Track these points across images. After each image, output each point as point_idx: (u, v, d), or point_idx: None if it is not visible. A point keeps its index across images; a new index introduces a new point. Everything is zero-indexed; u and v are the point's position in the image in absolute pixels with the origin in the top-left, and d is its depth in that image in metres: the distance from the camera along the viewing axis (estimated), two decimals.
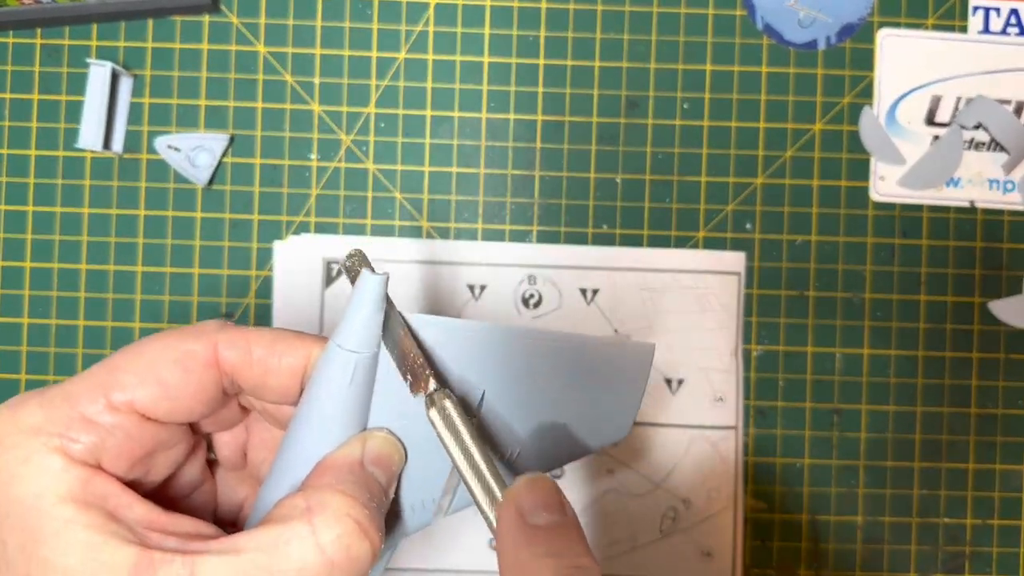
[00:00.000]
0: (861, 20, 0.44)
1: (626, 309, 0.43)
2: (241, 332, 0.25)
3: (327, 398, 0.25)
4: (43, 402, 0.23)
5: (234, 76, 0.44)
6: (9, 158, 0.43)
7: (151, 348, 0.25)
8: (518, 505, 0.23)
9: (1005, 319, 0.44)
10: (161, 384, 0.24)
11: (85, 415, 0.23)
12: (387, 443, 0.26)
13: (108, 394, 0.24)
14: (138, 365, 0.24)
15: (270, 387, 0.26)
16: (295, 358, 0.26)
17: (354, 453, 0.25)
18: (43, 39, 0.43)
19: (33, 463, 0.22)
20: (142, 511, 0.23)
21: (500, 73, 0.44)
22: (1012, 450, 0.44)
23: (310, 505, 0.23)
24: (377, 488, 0.24)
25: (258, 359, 0.25)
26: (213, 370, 0.25)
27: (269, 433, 0.29)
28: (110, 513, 0.22)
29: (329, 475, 0.24)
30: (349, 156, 0.44)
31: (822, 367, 0.44)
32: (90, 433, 0.23)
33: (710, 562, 0.43)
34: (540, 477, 0.24)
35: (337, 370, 0.25)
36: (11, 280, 0.43)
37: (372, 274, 0.25)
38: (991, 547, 0.44)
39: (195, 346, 0.25)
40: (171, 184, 0.43)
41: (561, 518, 0.23)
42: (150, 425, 0.25)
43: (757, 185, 0.44)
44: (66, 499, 0.22)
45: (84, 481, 0.23)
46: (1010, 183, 0.44)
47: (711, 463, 0.43)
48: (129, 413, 0.24)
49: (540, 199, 0.44)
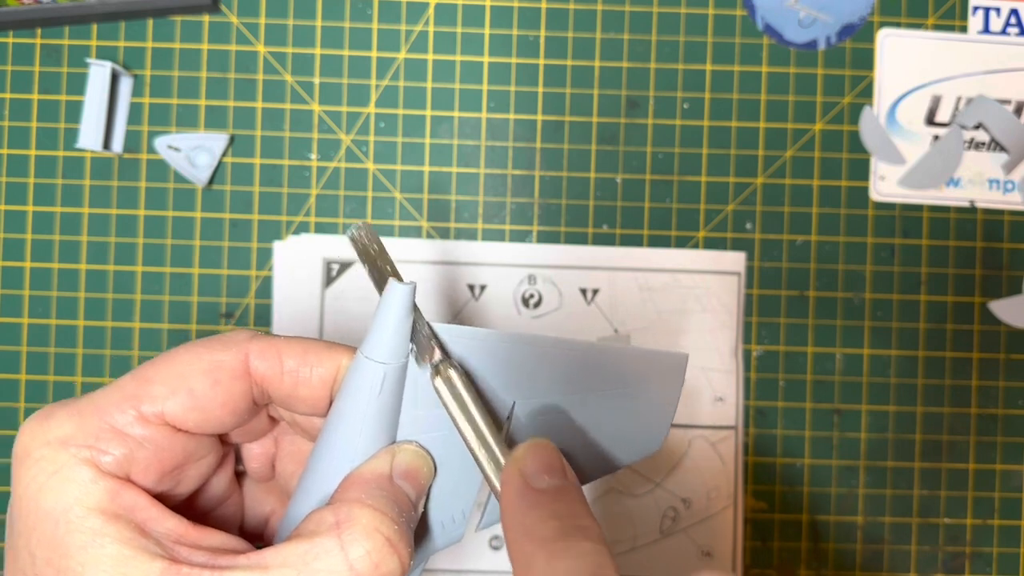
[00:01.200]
0: (861, 20, 0.44)
1: (626, 309, 0.43)
2: (272, 343, 0.25)
3: (355, 410, 0.25)
4: (72, 413, 0.23)
5: (234, 76, 0.44)
6: (9, 158, 0.43)
7: (181, 359, 0.24)
8: (522, 469, 0.23)
9: (1005, 319, 0.44)
10: (191, 395, 0.24)
11: (115, 426, 0.23)
12: (417, 456, 0.25)
13: (138, 406, 0.24)
14: (168, 376, 0.24)
15: (300, 398, 0.26)
16: (325, 369, 0.25)
17: (383, 466, 0.24)
18: (43, 39, 0.43)
19: (62, 475, 0.22)
20: (171, 524, 0.23)
21: (500, 73, 0.44)
22: (1012, 450, 0.44)
23: (339, 520, 0.23)
24: (406, 503, 0.24)
25: (288, 370, 0.25)
26: (244, 381, 0.25)
27: (297, 446, 0.29)
28: (139, 526, 0.22)
29: (358, 489, 0.24)
30: (349, 156, 0.44)
31: (822, 367, 0.44)
32: (120, 445, 0.23)
33: (710, 562, 0.43)
34: (542, 442, 0.24)
35: (365, 381, 0.24)
36: (11, 280, 0.43)
37: (399, 284, 0.24)
38: (991, 547, 0.44)
39: (226, 357, 0.25)
40: (171, 184, 0.43)
41: (563, 481, 0.23)
42: (180, 436, 0.24)
43: (757, 185, 0.44)
44: (95, 511, 0.22)
45: (113, 493, 0.22)
46: (1010, 183, 0.44)
47: (711, 463, 0.43)
48: (159, 425, 0.24)
49: (540, 199, 0.44)
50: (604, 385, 0.27)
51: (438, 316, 0.43)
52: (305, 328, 0.43)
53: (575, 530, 0.22)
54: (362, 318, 0.43)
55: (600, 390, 0.27)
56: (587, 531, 0.22)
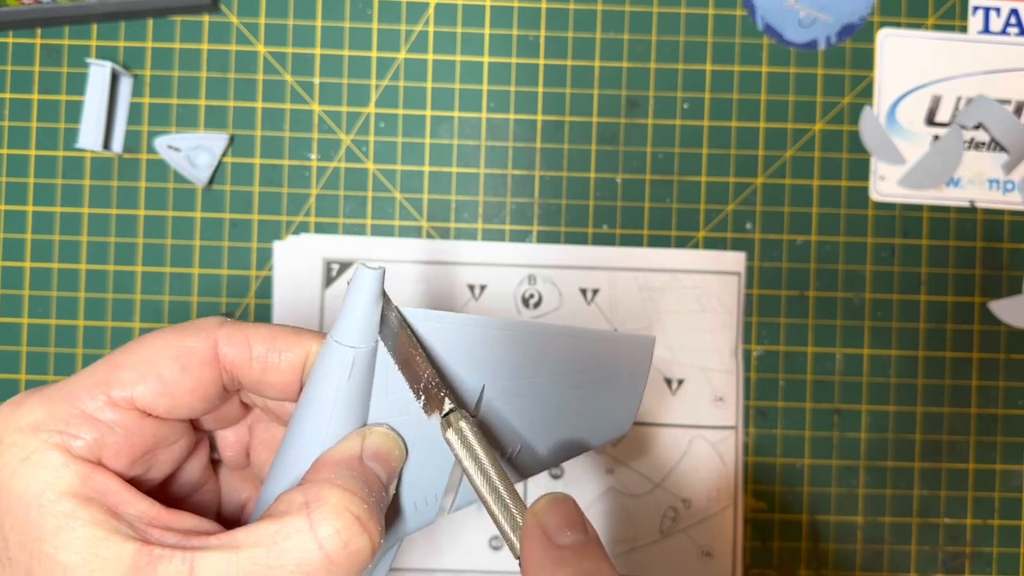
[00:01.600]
0: (861, 20, 0.44)
1: (626, 309, 0.43)
2: (240, 328, 0.25)
3: (326, 394, 0.25)
4: (43, 399, 0.23)
5: (234, 76, 0.44)
6: (9, 158, 0.43)
7: (151, 345, 0.25)
8: (543, 525, 0.23)
9: (1005, 319, 0.44)
10: (161, 380, 0.24)
11: (85, 411, 0.24)
12: (387, 438, 0.25)
13: (108, 391, 0.24)
14: (138, 362, 0.24)
15: (270, 383, 0.26)
16: (295, 354, 0.26)
17: (353, 448, 0.25)
18: (43, 39, 0.43)
19: (33, 460, 0.22)
20: (143, 507, 0.23)
21: (500, 73, 0.44)
22: (1012, 450, 0.44)
23: (308, 500, 0.23)
24: (377, 483, 0.24)
25: (258, 356, 0.25)
26: (213, 367, 0.25)
27: (271, 433, 0.29)
28: (111, 509, 0.22)
29: (327, 470, 0.24)
30: (349, 156, 0.44)
31: (822, 367, 0.44)
32: (91, 430, 0.23)
33: (710, 562, 0.43)
34: (561, 496, 0.24)
35: (335, 365, 0.25)
36: (11, 280, 0.43)
37: (368, 268, 0.24)
38: (991, 547, 0.44)
39: (195, 342, 0.25)
40: (171, 184, 0.43)
41: (584, 536, 0.24)
42: (151, 421, 0.25)
43: (757, 185, 0.44)
44: (67, 495, 0.22)
45: (84, 477, 0.23)
46: (1010, 183, 0.44)
47: (711, 463, 0.43)
48: (129, 409, 0.24)
49: (540, 199, 0.44)
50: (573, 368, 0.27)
51: None
52: (305, 327, 0.43)
53: None
54: None
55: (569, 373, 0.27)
56: None
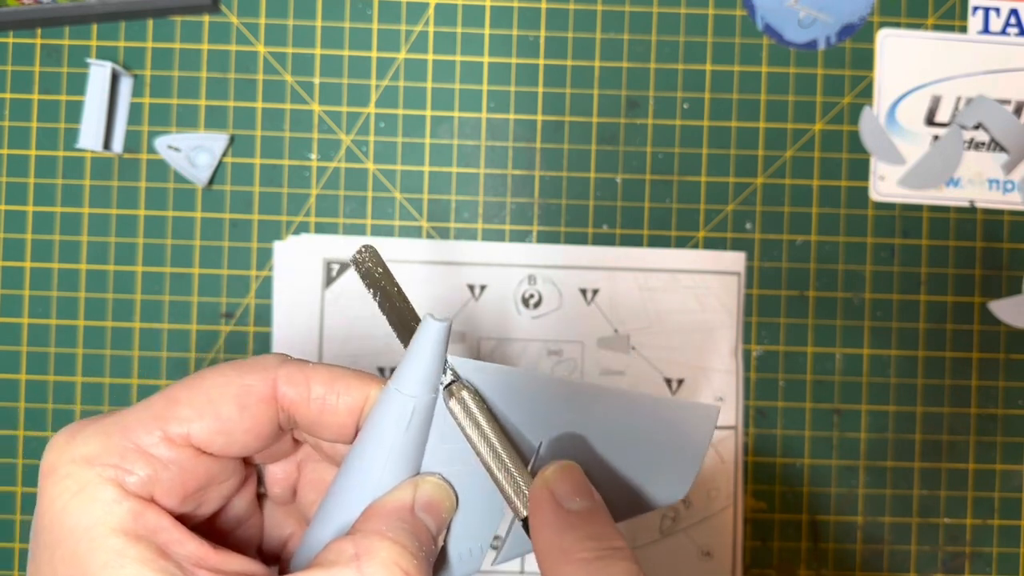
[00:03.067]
0: (861, 20, 0.44)
1: (626, 309, 0.43)
2: (301, 368, 0.25)
3: (382, 441, 0.25)
4: (99, 431, 0.23)
5: (234, 76, 0.44)
6: (9, 158, 0.43)
7: (210, 381, 0.24)
8: (553, 490, 0.24)
9: (1005, 319, 0.44)
10: (219, 419, 0.24)
11: (141, 446, 0.23)
12: (439, 489, 0.25)
13: (165, 426, 0.24)
14: (196, 398, 0.24)
15: (326, 425, 0.26)
16: (353, 398, 0.25)
17: (405, 498, 0.25)
18: (43, 39, 0.43)
19: (87, 493, 0.22)
20: (192, 547, 0.23)
21: (500, 73, 0.44)
22: (1012, 450, 0.44)
23: (359, 551, 0.23)
24: (427, 536, 0.24)
25: (316, 397, 0.25)
26: (271, 406, 0.25)
27: (319, 474, 0.29)
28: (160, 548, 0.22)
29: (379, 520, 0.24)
30: (349, 156, 0.44)
31: (822, 367, 0.44)
32: (145, 465, 0.23)
33: (710, 562, 0.43)
34: (569, 464, 0.25)
35: (395, 414, 0.24)
36: (11, 280, 0.43)
37: (435, 321, 0.24)
38: (991, 547, 0.44)
39: (255, 381, 0.25)
40: (171, 184, 0.43)
41: (592, 503, 0.24)
42: (204, 459, 0.24)
43: (757, 185, 0.44)
44: (117, 531, 0.22)
45: (136, 514, 0.22)
46: (1010, 183, 0.44)
47: (711, 463, 0.43)
48: (185, 447, 0.24)
49: (540, 199, 0.44)
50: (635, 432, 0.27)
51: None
52: (305, 327, 0.43)
53: (611, 551, 0.23)
54: (362, 318, 0.43)
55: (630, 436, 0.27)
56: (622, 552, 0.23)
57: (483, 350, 0.43)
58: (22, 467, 0.43)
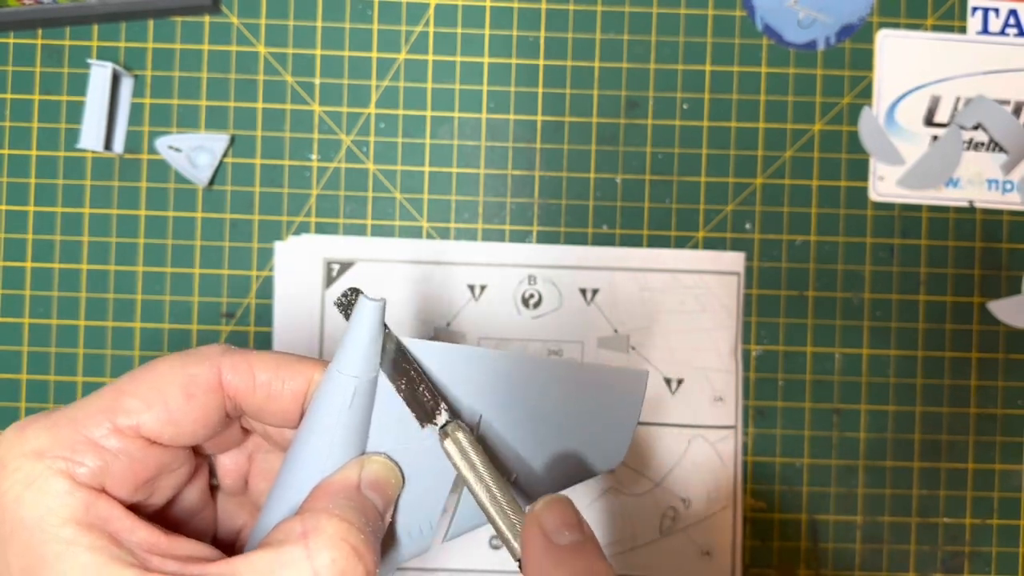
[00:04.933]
0: (861, 20, 0.44)
1: (626, 309, 0.43)
2: (244, 356, 0.26)
3: (326, 422, 0.25)
4: (48, 425, 0.24)
5: (234, 76, 0.44)
6: (10, 158, 0.43)
7: (156, 373, 0.25)
8: (542, 525, 0.24)
9: (1004, 319, 0.44)
10: (167, 409, 0.24)
11: (91, 439, 0.24)
12: (384, 467, 0.26)
13: (114, 418, 0.24)
14: (143, 390, 0.24)
15: (272, 411, 0.26)
16: (297, 382, 0.26)
17: (351, 477, 0.25)
18: (44, 39, 0.43)
19: (37, 486, 0.23)
20: (144, 534, 0.23)
21: (500, 73, 0.44)
22: (1011, 450, 0.44)
23: (306, 529, 0.23)
24: (374, 513, 0.25)
25: (261, 383, 0.26)
26: (217, 394, 0.25)
27: (270, 463, 0.29)
28: (112, 536, 0.23)
29: (326, 499, 0.24)
30: (349, 156, 0.44)
31: (821, 367, 0.44)
32: (95, 457, 0.23)
33: (709, 561, 0.43)
34: (558, 497, 0.25)
35: (336, 394, 0.25)
36: (12, 280, 0.43)
37: (369, 300, 0.25)
38: (990, 547, 0.44)
39: (200, 371, 0.25)
40: (172, 184, 0.44)
41: (582, 536, 0.24)
42: (154, 449, 0.25)
43: (757, 185, 0.44)
44: (69, 522, 0.22)
45: (88, 504, 0.23)
46: (1009, 183, 0.44)
47: (710, 463, 0.43)
48: (134, 437, 0.24)
49: (540, 199, 0.44)
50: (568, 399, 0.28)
51: (439, 316, 0.43)
52: (306, 327, 0.43)
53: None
54: None
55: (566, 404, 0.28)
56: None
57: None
58: None
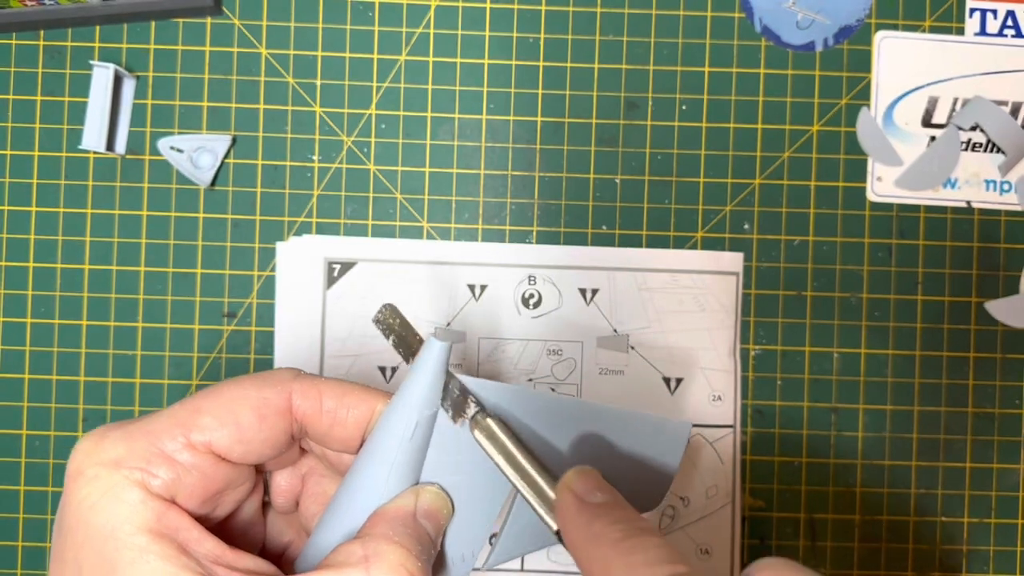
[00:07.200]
0: (859, 22, 0.45)
1: (626, 309, 0.44)
2: (314, 383, 0.27)
3: (387, 452, 0.27)
4: (125, 436, 0.25)
5: (236, 78, 0.44)
6: (12, 159, 0.44)
7: (230, 393, 0.26)
8: (574, 490, 0.26)
9: (1002, 319, 0.44)
10: (239, 428, 0.26)
11: (165, 452, 0.25)
12: (438, 497, 0.27)
13: (188, 433, 0.25)
14: (218, 408, 0.26)
15: (336, 436, 0.28)
16: (361, 411, 0.27)
17: (408, 505, 0.27)
18: (46, 40, 0.44)
19: (113, 494, 0.24)
20: (210, 546, 0.24)
21: (500, 75, 0.44)
22: (1009, 449, 0.44)
23: (367, 554, 0.24)
24: (427, 540, 0.26)
25: (328, 410, 0.27)
26: (286, 417, 0.27)
27: (322, 487, 0.31)
28: (181, 546, 0.24)
29: (385, 525, 0.26)
30: (350, 157, 0.44)
31: (820, 367, 0.44)
32: (169, 469, 0.25)
33: (708, 560, 0.43)
34: (586, 468, 0.27)
35: (400, 426, 0.27)
36: (14, 280, 0.43)
37: (439, 342, 0.27)
38: (988, 546, 0.44)
39: (272, 394, 0.27)
40: (173, 185, 0.44)
41: (613, 495, 0.26)
42: (223, 465, 0.26)
43: (755, 186, 0.44)
44: (142, 530, 0.23)
45: (160, 514, 0.24)
46: (1007, 184, 0.45)
47: (710, 461, 0.43)
48: (206, 453, 0.26)
49: (540, 200, 0.44)
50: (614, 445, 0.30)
51: (439, 316, 0.43)
52: (307, 327, 0.43)
53: (639, 530, 0.24)
54: (363, 318, 0.43)
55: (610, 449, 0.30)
56: (650, 530, 0.24)
57: (483, 350, 0.43)
58: (24, 466, 0.43)
